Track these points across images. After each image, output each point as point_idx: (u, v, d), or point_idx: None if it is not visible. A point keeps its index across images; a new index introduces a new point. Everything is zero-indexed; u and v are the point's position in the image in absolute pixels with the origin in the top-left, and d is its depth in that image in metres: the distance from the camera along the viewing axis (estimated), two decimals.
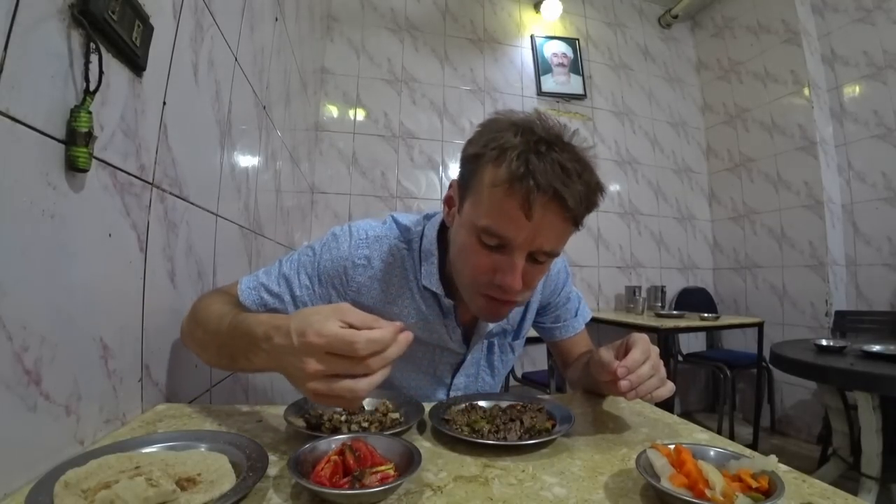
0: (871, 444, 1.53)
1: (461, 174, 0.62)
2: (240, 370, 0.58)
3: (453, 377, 0.79)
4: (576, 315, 0.88)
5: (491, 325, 0.75)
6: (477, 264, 0.59)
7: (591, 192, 0.56)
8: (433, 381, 0.79)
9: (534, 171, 0.52)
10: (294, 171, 1.82)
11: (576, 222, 0.57)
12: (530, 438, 0.52)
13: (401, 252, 0.72)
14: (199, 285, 0.84)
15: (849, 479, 1.65)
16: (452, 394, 0.79)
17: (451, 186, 0.65)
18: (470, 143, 0.60)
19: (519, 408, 0.60)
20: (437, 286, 0.69)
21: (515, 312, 0.79)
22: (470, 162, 0.59)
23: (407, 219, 0.75)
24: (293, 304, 0.69)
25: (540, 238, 0.55)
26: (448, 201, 0.66)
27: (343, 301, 0.69)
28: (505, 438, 0.52)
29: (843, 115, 2.55)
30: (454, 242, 0.64)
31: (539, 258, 0.58)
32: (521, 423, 0.55)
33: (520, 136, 0.54)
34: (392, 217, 0.75)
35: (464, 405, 0.62)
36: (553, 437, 0.53)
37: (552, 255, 0.59)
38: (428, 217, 0.75)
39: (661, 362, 0.58)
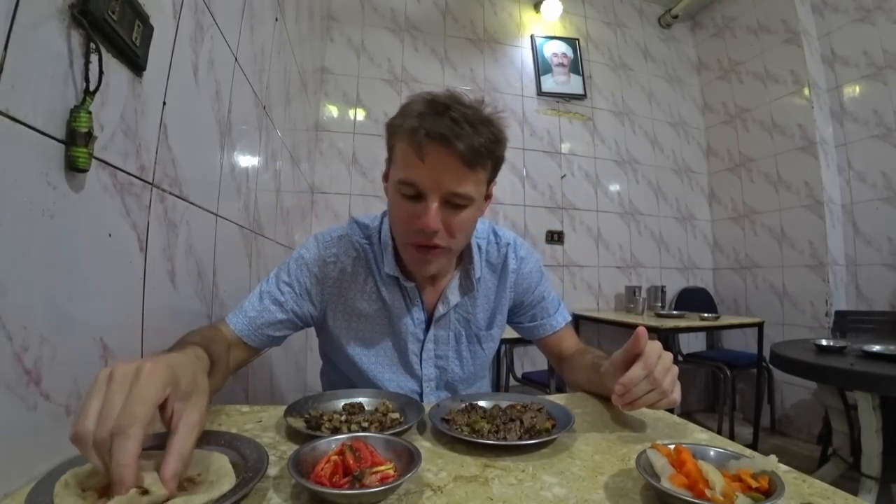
0: (871, 444, 1.53)
1: (387, 151, 0.73)
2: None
3: (421, 367, 0.82)
4: (554, 314, 0.91)
5: (448, 307, 0.81)
6: (401, 216, 0.69)
7: (486, 139, 0.65)
8: (405, 372, 0.83)
9: (425, 123, 0.63)
10: (294, 171, 1.82)
11: (470, 164, 0.65)
12: (530, 438, 0.52)
13: (363, 247, 0.80)
14: (198, 285, 0.84)
15: (849, 479, 1.64)
16: (426, 385, 0.83)
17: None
18: (387, 125, 0.71)
19: (519, 408, 0.60)
20: (394, 270, 0.77)
21: (480, 303, 0.85)
22: (389, 136, 0.71)
23: (366, 218, 0.85)
24: (281, 310, 0.75)
25: (443, 181, 0.65)
26: (384, 177, 0.76)
27: (322, 296, 0.78)
28: (505, 438, 0.52)
29: (843, 115, 2.55)
30: (388, 208, 0.74)
31: (454, 202, 0.66)
32: (521, 423, 0.55)
33: (424, 105, 0.65)
34: (352, 218, 0.85)
35: (464, 405, 0.62)
36: (553, 437, 0.53)
37: (463, 197, 0.66)
38: (385, 213, 0.82)
39: (669, 368, 0.58)
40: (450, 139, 0.62)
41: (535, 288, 0.89)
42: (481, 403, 0.63)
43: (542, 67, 2.97)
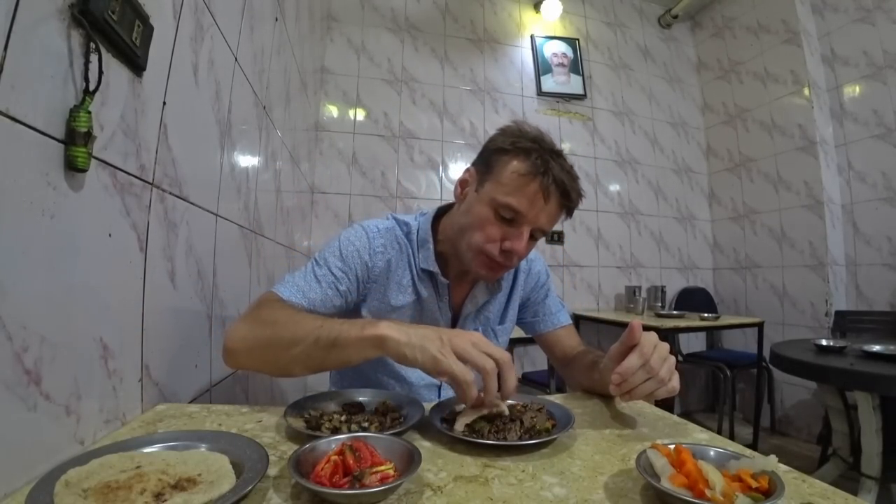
0: (871, 444, 1.53)
1: (483, 162, 0.77)
2: (327, 363, 0.62)
3: None
4: (556, 312, 0.96)
5: (476, 306, 0.87)
6: (490, 233, 0.73)
7: (581, 195, 0.75)
8: None
9: (552, 169, 0.70)
10: (294, 171, 1.82)
11: (568, 214, 0.76)
12: (530, 438, 0.52)
13: (402, 241, 0.84)
14: (199, 285, 0.84)
15: (849, 479, 1.64)
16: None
17: (466, 171, 0.80)
18: (494, 140, 0.76)
19: (519, 408, 0.60)
20: (433, 266, 0.81)
21: (496, 300, 0.90)
22: (495, 153, 0.74)
23: (405, 216, 0.89)
24: (340, 297, 0.77)
25: (542, 219, 0.72)
26: (462, 183, 0.80)
27: (367, 284, 0.81)
28: (505, 438, 0.52)
29: (843, 115, 2.55)
30: (467, 214, 0.77)
31: (536, 235, 0.74)
32: (521, 423, 0.55)
33: (537, 143, 0.72)
34: (392, 215, 0.88)
35: (464, 405, 0.62)
36: (553, 437, 0.53)
37: (544, 234, 0.75)
38: (422, 214, 0.87)
39: (666, 358, 0.59)
40: (569, 193, 0.72)
41: (540, 287, 0.96)
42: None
43: (542, 67, 2.97)
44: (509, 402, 0.63)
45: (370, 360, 0.81)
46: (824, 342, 1.69)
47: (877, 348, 1.52)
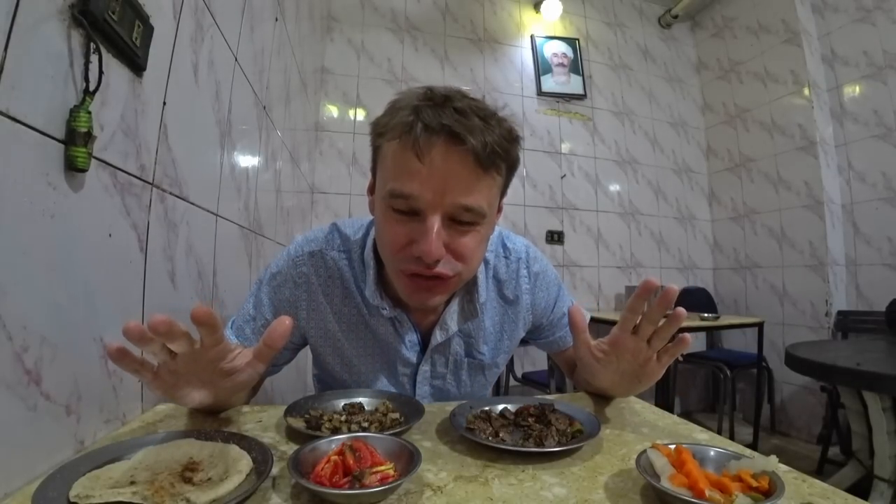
0: (883, 446, 1.50)
1: (372, 158, 0.60)
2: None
3: (415, 388, 0.73)
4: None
5: (447, 335, 0.69)
6: (393, 237, 0.55)
7: (499, 135, 0.52)
8: (400, 389, 0.74)
9: (422, 116, 0.50)
10: (294, 171, 1.82)
11: (484, 166, 0.51)
12: (569, 443, 0.51)
13: (338, 265, 0.67)
14: (199, 285, 0.84)
15: (865, 480, 1.60)
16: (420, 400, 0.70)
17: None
18: (372, 125, 0.58)
19: (532, 411, 0.58)
20: (376, 298, 0.64)
21: (485, 327, 0.72)
22: (374, 141, 0.58)
23: (350, 226, 0.71)
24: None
25: (448, 191, 0.51)
26: (369, 190, 0.63)
27: (298, 318, 0.67)
28: (542, 445, 0.50)
29: (843, 115, 2.54)
30: (374, 225, 0.61)
31: (462, 218, 0.53)
32: (556, 428, 0.53)
33: (418, 98, 0.53)
34: (335, 225, 0.71)
35: (478, 410, 0.59)
36: (587, 441, 0.51)
37: (474, 211, 0.53)
38: (364, 225, 0.70)
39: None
40: (457, 132, 0.49)
41: (553, 306, 0.78)
42: (498, 408, 0.61)
43: (542, 67, 2.97)
44: (518, 405, 0.61)
45: (343, 381, 0.71)
46: None
47: None
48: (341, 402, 0.63)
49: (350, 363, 0.72)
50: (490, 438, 0.52)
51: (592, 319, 0.95)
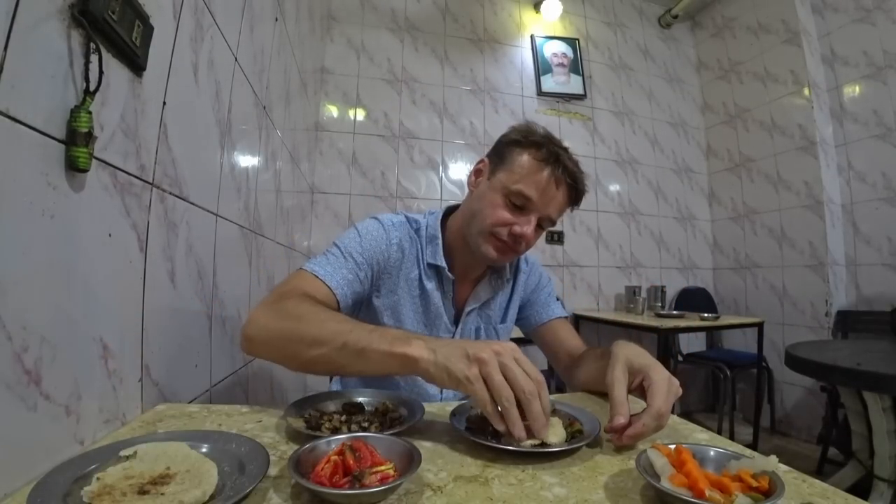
0: (883, 446, 1.50)
1: (496, 153, 0.82)
2: (349, 369, 0.61)
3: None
4: (549, 305, 0.99)
5: (479, 303, 0.89)
6: (501, 216, 0.77)
7: (586, 189, 0.81)
8: None
9: (562, 160, 0.77)
10: (294, 171, 1.82)
11: (574, 204, 0.82)
12: (572, 442, 0.51)
13: (413, 236, 0.87)
14: (198, 285, 0.84)
15: (865, 480, 1.60)
16: None
17: (481, 162, 0.86)
18: (507, 134, 0.82)
19: None
20: (441, 261, 0.84)
21: (498, 299, 0.93)
22: (508, 145, 0.80)
23: (414, 214, 0.93)
24: (356, 277, 0.79)
25: (550, 208, 0.78)
26: (477, 173, 0.86)
27: (381, 274, 0.84)
28: (542, 444, 0.50)
29: (843, 115, 2.55)
30: (479, 200, 0.81)
31: (543, 224, 0.79)
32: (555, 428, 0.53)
33: (547, 138, 0.79)
34: (403, 212, 0.92)
35: (478, 410, 0.58)
36: (587, 441, 0.52)
37: (552, 223, 0.81)
38: (431, 213, 0.92)
39: (672, 400, 0.56)
40: (576, 183, 0.78)
41: (541, 288, 1.00)
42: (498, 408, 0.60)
43: (542, 67, 2.97)
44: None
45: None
46: None
47: None
48: (341, 402, 0.63)
49: (402, 323, 0.86)
50: (490, 438, 0.52)
51: (593, 319, 0.99)
